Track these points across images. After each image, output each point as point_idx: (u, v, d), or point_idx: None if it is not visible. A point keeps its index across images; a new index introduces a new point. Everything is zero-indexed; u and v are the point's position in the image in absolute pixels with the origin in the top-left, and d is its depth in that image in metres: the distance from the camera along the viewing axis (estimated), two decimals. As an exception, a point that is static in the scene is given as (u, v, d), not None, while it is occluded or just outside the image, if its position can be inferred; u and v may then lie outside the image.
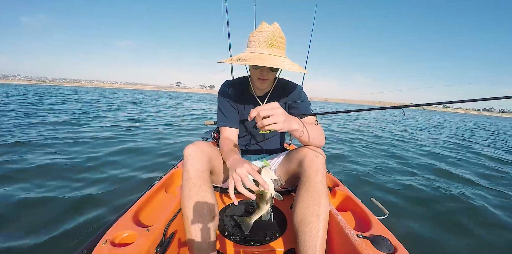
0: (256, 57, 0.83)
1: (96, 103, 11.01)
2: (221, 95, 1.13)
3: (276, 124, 0.66)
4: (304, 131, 0.81)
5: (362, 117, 14.26)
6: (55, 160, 2.49)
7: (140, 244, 0.68)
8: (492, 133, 10.16)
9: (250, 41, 0.89)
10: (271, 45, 0.85)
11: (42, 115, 5.85)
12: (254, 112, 0.66)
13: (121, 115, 6.99)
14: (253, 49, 0.87)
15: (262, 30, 0.86)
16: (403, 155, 3.91)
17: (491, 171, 3.31)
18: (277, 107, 0.67)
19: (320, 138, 0.92)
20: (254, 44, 0.87)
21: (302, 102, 1.11)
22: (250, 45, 0.89)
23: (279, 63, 0.83)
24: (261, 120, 0.66)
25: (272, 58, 0.84)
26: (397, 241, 0.74)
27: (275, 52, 0.86)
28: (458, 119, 23.95)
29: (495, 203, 2.15)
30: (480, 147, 5.51)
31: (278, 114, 0.67)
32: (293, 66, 0.85)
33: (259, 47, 0.86)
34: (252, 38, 0.88)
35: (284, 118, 0.68)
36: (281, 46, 0.88)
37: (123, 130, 4.51)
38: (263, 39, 0.85)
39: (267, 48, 0.85)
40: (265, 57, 0.83)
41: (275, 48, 0.86)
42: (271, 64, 0.80)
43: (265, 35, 0.85)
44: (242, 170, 0.69)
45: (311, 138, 0.86)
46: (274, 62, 0.82)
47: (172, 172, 1.26)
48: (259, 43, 0.86)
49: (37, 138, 3.38)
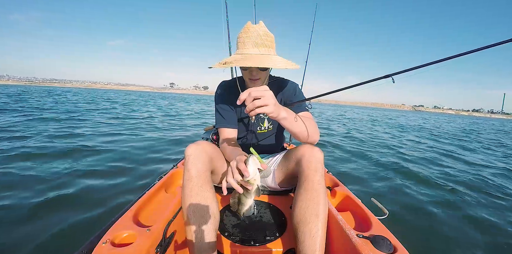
0: (242, 59, 0.84)
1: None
2: (217, 96, 1.13)
3: (267, 106, 0.64)
4: (295, 119, 0.79)
5: (349, 116, 14.39)
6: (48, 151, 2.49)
7: (140, 244, 0.68)
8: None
9: (238, 43, 0.90)
10: (256, 44, 0.86)
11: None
12: (245, 93, 0.63)
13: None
14: (240, 51, 0.88)
15: (246, 31, 0.87)
16: (401, 154, 3.91)
17: (493, 171, 3.31)
18: (267, 89, 0.65)
19: (313, 130, 0.89)
20: (241, 46, 0.88)
21: (297, 98, 1.10)
22: (238, 46, 0.90)
23: (266, 61, 0.83)
24: (252, 102, 0.63)
25: (258, 57, 0.84)
26: (397, 241, 0.74)
27: (262, 51, 0.86)
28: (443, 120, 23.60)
29: (495, 203, 2.15)
30: (480, 150, 5.51)
31: (269, 96, 0.64)
32: (281, 63, 0.85)
33: (245, 48, 0.87)
34: (239, 39, 0.89)
35: (274, 101, 0.66)
36: (268, 44, 0.88)
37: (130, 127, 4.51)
38: (248, 40, 0.86)
39: (253, 48, 0.86)
40: (251, 57, 0.84)
41: (261, 47, 0.86)
42: (255, 64, 0.81)
43: (250, 35, 0.86)
44: (233, 162, 0.70)
45: (302, 130, 0.83)
46: (259, 62, 0.82)
47: (172, 172, 1.26)
48: (245, 44, 0.87)
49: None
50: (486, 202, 2.15)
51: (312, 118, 0.97)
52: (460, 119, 38.90)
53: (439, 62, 0.70)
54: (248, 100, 0.63)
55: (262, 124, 1.16)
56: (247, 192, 0.70)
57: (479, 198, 2.24)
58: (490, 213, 1.93)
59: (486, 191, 2.42)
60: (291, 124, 0.78)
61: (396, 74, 0.74)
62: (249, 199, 0.72)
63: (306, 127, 0.85)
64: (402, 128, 9.50)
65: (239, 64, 0.82)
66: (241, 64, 0.82)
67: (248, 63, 0.81)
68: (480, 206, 2.07)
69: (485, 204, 2.12)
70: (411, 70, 0.74)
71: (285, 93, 1.12)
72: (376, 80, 0.79)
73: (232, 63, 0.84)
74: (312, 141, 0.91)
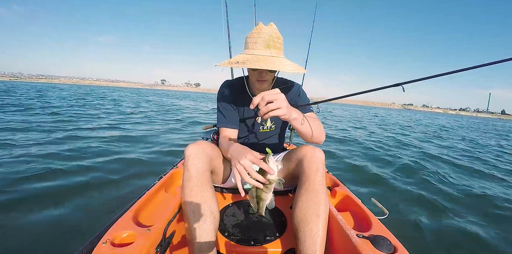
0: (254, 59, 0.83)
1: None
2: (220, 96, 1.12)
3: (280, 109, 0.66)
4: (304, 121, 0.80)
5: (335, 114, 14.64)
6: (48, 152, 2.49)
7: (140, 244, 0.68)
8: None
9: (248, 43, 0.89)
10: (268, 46, 0.85)
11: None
12: (258, 97, 0.65)
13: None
14: (250, 51, 0.87)
15: (259, 31, 0.87)
16: (399, 155, 3.91)
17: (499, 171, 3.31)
18: (279, 92, 0.67)
19: (320, 130, 0.91)
20: (252, 46, 0.87)
21: (301, 98, 1.11)
22: (248, 46, 0.89)
23: (278, 64, 0.83)
24: (265, 105, 0.65)
25: (270, 59, 0.84)
26: (397, 241, 0.74)
27: (273, 53, 0.86)
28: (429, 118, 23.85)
29: (494, 203, 2.15)
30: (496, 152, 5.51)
31: (282, 100, 0.66)
32: (291, 67, 0.85)
33: (257, 49, 0.86)
34: (249, 39, 0.88)
35: (286, 104, 0.68)
36: (279, 47, 0.88)
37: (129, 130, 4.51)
38: (261, 41, 0.85)
39: (264, 49, 0.85)
40: (263, 59, 0.83)
41: (273, 49, 0.86)
42: (269, 67, 0.80)
43: (262, 36, 0.86)
44: (245, 161, 0.70)
45: (310, 131, 0.85)
46: (272, 64, 0.82)
47: (172, 172, 1.26)
48: (257, 44, 0.86)
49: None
50: (490, 201, 2.16)
51: (318, 119, 0.98)
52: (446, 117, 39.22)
53: (450, 74, 0.72)
54: (261, 104, 0.65)
55: (265, 123, 1.16)
56: (266, 188, 0.71)
57: (480, 197, 2.24)
58: (489, 213, 1.93)
59: (486, 191, 2.43)
60: (302, 123, 0.80)
61: (407, 83, 0.76)
62: (270, 194, 0.72)
63: (313, 127, 0.86)
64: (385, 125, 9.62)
65: (253, 65, 0.81)
66: (254, 65, 0.81)
67: (262, 65, 0.81)
68: (483, 205, 2.07)
69: (489, 202, 2.12)
70: (420, 80, 0.76)
71: (290, 94, 1.12)
72: (386, 88, 0.80)
73: (245, 63, 0.83)
74: (318, 142, 0.93)
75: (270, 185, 0.70)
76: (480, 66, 0.68)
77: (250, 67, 0.82)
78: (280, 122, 1.20)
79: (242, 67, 0.85)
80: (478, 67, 0.68)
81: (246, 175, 0.69)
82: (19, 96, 11.04)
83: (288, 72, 0.86)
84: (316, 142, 0.92)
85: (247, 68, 1.01)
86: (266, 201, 0.73)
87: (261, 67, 0.80)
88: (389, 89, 0.82)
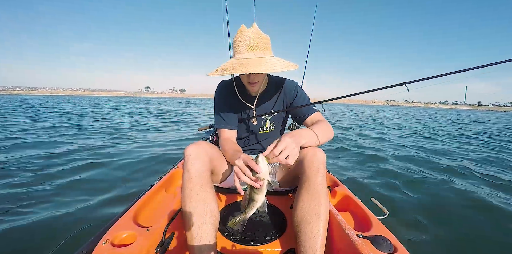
0: (237, 64, 0.84)
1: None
2: (217, 96, 1.12)
3: (292, 156, 0.73)
4: (312, 137, 0.88)
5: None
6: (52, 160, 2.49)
7: (140, 244, 0.68)
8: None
9: (233, 47, 0.90)
10: (251, 48, 0.86)
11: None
12: (265, 166, 0.70)
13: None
14: (236, 55, 0.88)
15: (240, 35, 0.87)
16: (397, 154, 3.91)
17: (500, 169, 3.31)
18: (285, 142, 0.72)
19: (328, 132, 0.97)
20: (236, 50, 0.88)
21: (299, 97, 1.11)
22: (234, 51, 0.90)
23: (263, 65, 0.83)
24: (276, 157, 0.71)
25: (254, 61, 0.84)
26: (397, 241, 0.74)
27: (257, 54, 0.86)
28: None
29: (495, 203, 2.15)
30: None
31: (291, 149, 0.73)
32: (279, 65, 0.85)
33: (241, 53, 0.87)
34: (234, 44, 0.89)
35: (294, 146, 0.74)
36: (263, 47, 0.88)
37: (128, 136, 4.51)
38: (243, 44, 0.86)
39: (248, 52, 0.86)
40: (246, 63, 0.84)
41: (257, 50, 0.86)
42: (250, 70, 0.81)
43: (244, 39, 0.86)
44: (239, 161, 0.72)
45: (318, 141, 0.91)
46: (255, 67, 0.82)
47: (172, 172, 1.26)
48: (240, 48, 0.87)
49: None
50: (490, 201, 2.15)
51: (323, 119, 1.00)
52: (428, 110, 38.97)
53: (455, 73, 0.74)
54: (273, 160, 0.71)
55: (264, 125, 1.16)
56: (258, 189, 0.72)
57: (482, 196, 2.24)
58: (491, 211, 1.93)
59: (486, 191, 2.42)
60: (311, 143, 0.88)
61: (411, 82, 0.76)
62: (261, 195, 0.73)
63: (320, 135, 0.92)
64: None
65: (236, 71, 0.83)
66: (237, 71, 0.83)
67: (243, 69, 0.81)
68: (484, 205, 2.06)
69: (485, 204, 2.11)
70: (425, 79, 0.77)
71: (286, 93, 1.11)
72: (391, 87, 0.81)
73: (228, 70, 0.84)
74: (328, 141, 0.98)
75: (261, 187, 0.71)
76: (482, 66, 0.69)
77: (234, 72, 0.84)
78: (279, 122, 1.20)
79: (228, 74, 0.86)
80: (479, 68, 0.69)
81: (240, 174, 0.71)
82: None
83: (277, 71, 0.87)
84: (327, 141, 0.97)
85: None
86: (257, 203, 0.73)
87: (243, 72, 0.82)
88: (392, 88, 0.82)
